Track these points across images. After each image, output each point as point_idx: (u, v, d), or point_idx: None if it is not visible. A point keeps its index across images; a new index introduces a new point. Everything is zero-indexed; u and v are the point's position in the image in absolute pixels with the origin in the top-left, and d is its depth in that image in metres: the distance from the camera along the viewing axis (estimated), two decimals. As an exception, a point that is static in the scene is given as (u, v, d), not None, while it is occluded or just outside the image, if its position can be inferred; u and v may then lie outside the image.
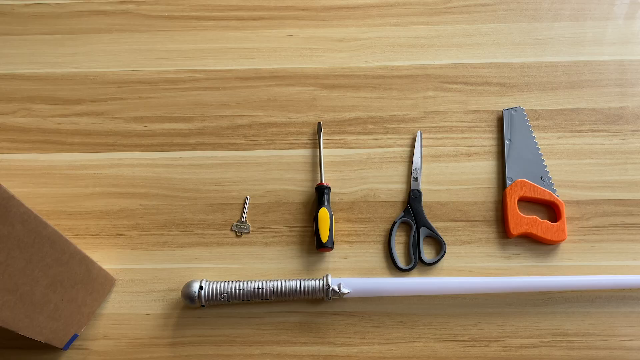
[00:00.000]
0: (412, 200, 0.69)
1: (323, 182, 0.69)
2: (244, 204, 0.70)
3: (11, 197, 0.46)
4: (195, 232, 0.69)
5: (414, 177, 0.70)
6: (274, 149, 0.73)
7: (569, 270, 0.66)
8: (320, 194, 0.68)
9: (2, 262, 0.47)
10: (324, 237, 0.65)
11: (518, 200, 0.68)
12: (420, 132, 0.72)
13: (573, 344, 0.63)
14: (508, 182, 0.69)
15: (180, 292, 0.65)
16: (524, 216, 0.67)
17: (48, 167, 0.72)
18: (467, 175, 0.71)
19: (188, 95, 0.76)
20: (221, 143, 0.73)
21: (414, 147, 0.72)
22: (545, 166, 0.70)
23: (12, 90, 0.77)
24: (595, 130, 0.72)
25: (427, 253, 0.67)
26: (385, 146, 0.72)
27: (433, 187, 0.70)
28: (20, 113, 0.76)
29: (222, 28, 0.80)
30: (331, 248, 0.66)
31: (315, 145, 0.73)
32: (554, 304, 0.64)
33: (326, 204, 0.67)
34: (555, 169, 0.70)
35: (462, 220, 0.68)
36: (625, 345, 0.62)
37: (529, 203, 0.69)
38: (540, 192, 0.68)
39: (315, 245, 0.66)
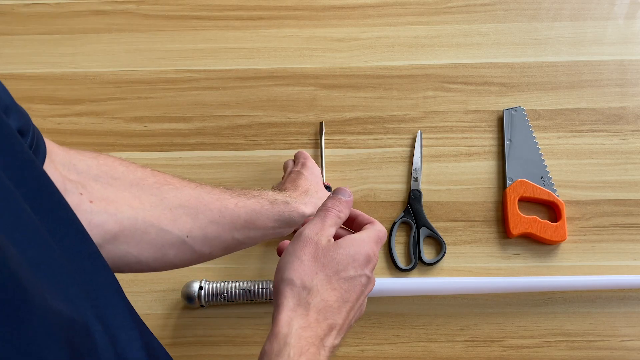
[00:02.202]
0: (412, 200, 0.69)
1: (324, 182, 0.69)
2: (244, 204, 0.70)
3: (10, 197, 0.46)
4: (195, 232, 0.69)
5: (414, 177, 0.70)
6: (274, 149, 0.73)
7: (569, 271, 0.66)
8: None
9: (2, 262, 0.47)
10: None
11: (518, 200, 0.68)
12: (421, 132, 0.72)
13: (573, 344, 0.62)
14: (508, 182, 0.69)
15: (180, 292, 0.65)
16: (524, 216, 0.67)
17: (48, 167, 0.72)
18: (467, 175, 0.71)
19: (188, 95, 0.76)
20: (221, 143, 0.73)
21: (414, 147, 0.72)
22: (546, 166, 0.70)
23: (11, 90, 0.76)
24: (595, 130, 0.72)
25: (427, 253, 0.67)
26: (385, 146, 0.72)
27: (433, 187, 0.70)
28: (19, 113, 0.76)
29: (222, 28, 0.80)
30: None
31: (316, 145, 0.73)
32: (554, 304, 0.64)
33: None
34: (556, 169, 0.70)
35: (462, 221, 0.68)
36: (625, 345, 0.62)
37: (529, 203, 0.69)
38: (540, 192, 0.68)
39: None
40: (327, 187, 0.68)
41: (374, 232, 0.46)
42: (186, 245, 0.45)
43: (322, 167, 0.70)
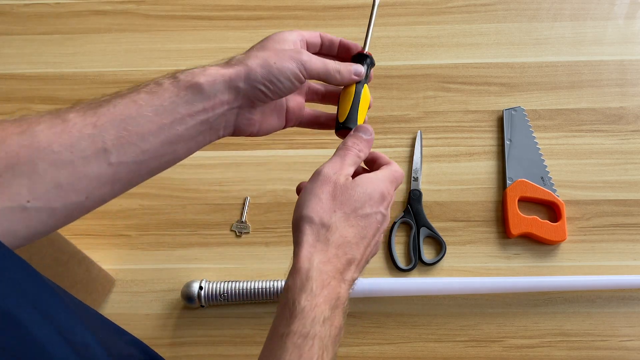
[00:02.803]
0: (412, 200, 0.69)
1: (366, 50, 0.49)
2: (244, 204, 0.70)
3: (10, 197, 0.46)
4: (195, 232, 0.69)
5: (414, 177, 0.70)
6: (274, 148, 0.73)
7: (569, 271, 0.66)
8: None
9: (2, 262, 0.47)
10: (361, 118, 0.47)
11: (518, 200, 0.68)
12: (421, 132, 0.72)
13: (573, 345, 0.62)
14: (508, 182, 0.69)
15: (179, 292, 0.65)
16: (524, 216, 0.67)
17: (48, 167, 0.72)
18: (467, 175, 0.70)
19: (188, 95, 0.76)
20: (221, 143, 0.73)
21: (414, 147, 0.72)
22: (546, 166, 0.70)
23: (11, 90, 0.77)
24: (595, 130, 0.72)
25: (427, 253, 0.67)
26: (385, 146, 0.72)
27: (433, 187, 0.70)
28: (19, 113, 0.76)
29: (222, 28, 0.80)
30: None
31: (317, 145, 0.72)
32: (554, 304, 0.64)
33: (364, 79, 0.48)
34: (556, 169, 0.70)
35: (462, 221, 0.68)
36: (625, 345, 0.62)
37: (529, 203, 0.69)
38: (540, 192, 0.68)
39: (335, 126, 0.48)
40: (367, 57, 0.49)
41: (390, 172, 0.45)
42: (32, 210, 0.35)
43: (368, 31, 0.51)
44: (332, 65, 0.45)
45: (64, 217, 0.37)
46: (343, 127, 0.47)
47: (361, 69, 0.47)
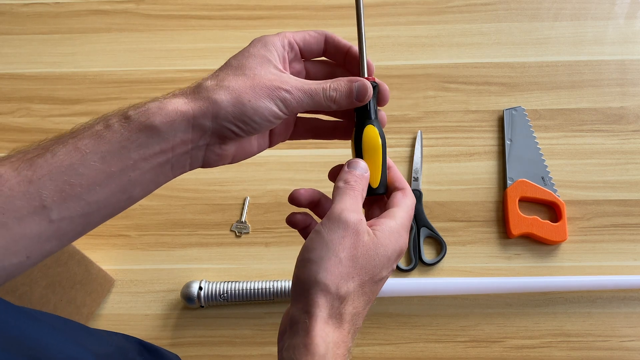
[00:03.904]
0: (413, 200, 0.69)
1: (366, 76, 0.41)
2: (244, 204, 0.70)
3: (9, 198, 0.46)
4: (195, 232, 0.69)
5: (414, 177, 0.70)
6: (274, 149, 0.72)
7: (569, 271, 0.66)
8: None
9: (1, 262, 0.47)
10: (375, 179, 0.41)
11: (519, 201, 0.67)
12: (421, 132, 0.72)
13: (574, 345, 0.62)
14: (509, 182, 0.69)
15: (179, 292, 0.65)
16: (525, 216, 0.66)
17: (47, 167, 0.72)
18: (467, 175, 0.70)
19: (187, 95, 0.76)
20: (221, 143, 0.73)
21: (414, 147, 0.72)
22: (546, 166, 0.70)
23: (11, 90, 0.77)
24: (596, 130, 0.72)
25: (427, 253, 0.67)
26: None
27: (433, 187, 0.70)
28: (19, 113, 0.76)
29: (222, 27, 0.80)
30: (384, 194, 0.42)
31: (318, 145, 0.72)
32: (554, 304, 0.64)
33: (373, 117, 0.40)
34: (556, 169, 0.70)
35: (462, 221, 0.68)
36: (626, 345, 0.62)
37: (530, 203, 0.69)
38: (541, 192, 0.68)
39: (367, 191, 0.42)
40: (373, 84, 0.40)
41: (407, 214, 0.39)
42: None
43: (362, 51, 0.42)
44: (322, 95, 0.37)
45: (5, 276, 0.33)
46: (375, 193, 0.41)
47: (366, 85, 0.38)
